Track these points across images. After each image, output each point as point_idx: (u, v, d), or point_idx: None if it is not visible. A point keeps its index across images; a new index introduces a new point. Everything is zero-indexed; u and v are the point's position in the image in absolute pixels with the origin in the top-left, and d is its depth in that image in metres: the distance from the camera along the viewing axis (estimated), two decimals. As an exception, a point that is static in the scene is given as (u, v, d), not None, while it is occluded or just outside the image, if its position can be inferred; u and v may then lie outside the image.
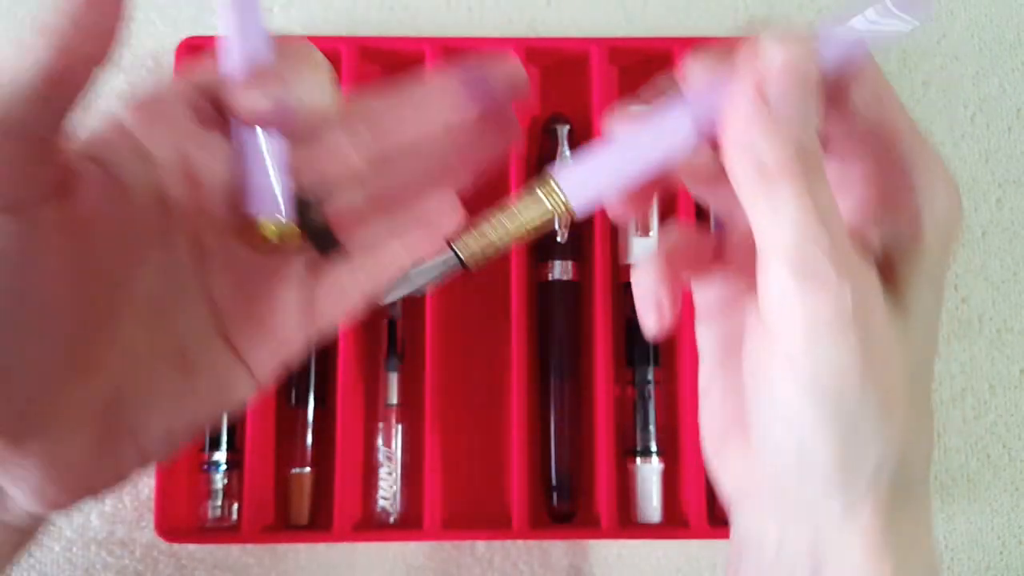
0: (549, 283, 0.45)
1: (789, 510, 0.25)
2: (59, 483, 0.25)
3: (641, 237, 0.44)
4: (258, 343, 0.29)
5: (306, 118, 0.27)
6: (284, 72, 0.27)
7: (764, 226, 0.23)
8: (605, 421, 0.43)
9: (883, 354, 0.23)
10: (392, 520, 0.43)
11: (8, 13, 0.48)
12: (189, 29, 0.47)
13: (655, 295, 0.27)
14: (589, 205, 0.25)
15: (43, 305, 0.24)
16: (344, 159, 0.29)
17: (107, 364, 0.26)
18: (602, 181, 0.25)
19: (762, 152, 0.22)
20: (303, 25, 0.48)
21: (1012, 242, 0.48)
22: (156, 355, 0.28)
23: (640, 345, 0.44)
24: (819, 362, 0.22)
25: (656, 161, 0.25)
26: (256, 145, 0.28)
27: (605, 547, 0.45)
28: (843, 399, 0.22)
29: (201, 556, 0.44)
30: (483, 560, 0.44)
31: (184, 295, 0.28)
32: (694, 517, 0.42)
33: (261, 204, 0.28)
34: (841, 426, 0.23)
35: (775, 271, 0.22)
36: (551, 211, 0.25)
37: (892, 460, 0.23)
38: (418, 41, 0.46)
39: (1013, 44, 0.49)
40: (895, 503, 0.24)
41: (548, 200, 0.25)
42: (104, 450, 0.26)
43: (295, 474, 0.43)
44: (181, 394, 0.28)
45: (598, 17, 0.49)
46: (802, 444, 0.23)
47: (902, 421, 0.23)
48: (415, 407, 0.43)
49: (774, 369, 0.23)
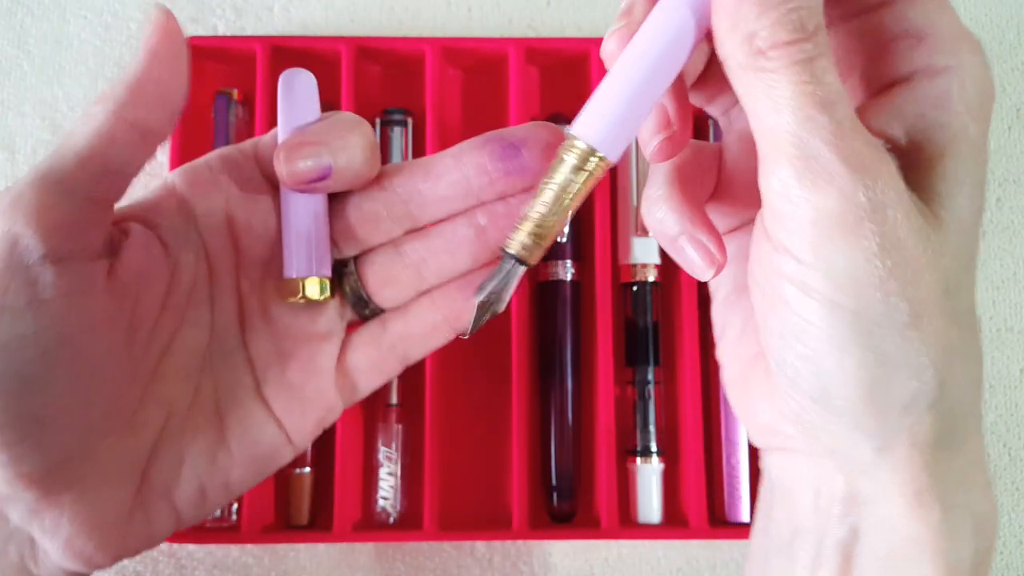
0: (549, 283, 0.45)
1: (818, 445, 0.22)
2: (92, 538, 0.25)
3: (641, 237, 0.44)
4: (294, 404, 0.29)
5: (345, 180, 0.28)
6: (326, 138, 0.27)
7: (760, 116, 0.20)
8: (605, 421, 0.43)
9: (909, 259, 0.19)
10: (392, 520, 0.43)
11: (8, 13, 0.48)
12: (189, 29, 0.48)
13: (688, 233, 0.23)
14: (622, 146, 0.22)
15: (85, 358, 0.25)
16: (378, 223, 0.29)
17: (145, 420, 0.27)
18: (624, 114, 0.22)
19: (753, 30, 0.19)
20: (303, 25, 0.48)
21: (1012, 242, 0.48)
22: (193, 412, 0.28)
23: (640, 345, 0.44)
24: (832, 267, 0.19)
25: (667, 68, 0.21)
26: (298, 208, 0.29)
27: (605, 547, 0.45)
28: (863, 313, 0.19)
29: (201, 556, 0.44)
30: (483, 560, 0.44)
31: (224, 354, 0.29)
32: (694, 517, 0.42)
33: (300, 264, 0.29)
34: (863, 347, 0.19)
35: (774, 166, 0.20)
36: (587, 171, 0.23)
37: (929, 388, 0.20)
38: (418, 41, 0.46)
39: (1013, 44, 0.49)
40: (939, 440, 0.20)
41: (578, 160, 0.23)
42: (138, 505, 0.26)
43: (295, 474, 0.43)
44: (216, 451, 0.28)
45: (598, 17, 0.49)
46: (820, 371, 0.20)
47: (939, 340, 0.19)
48: (415, 407, 0.43)
49: (783, 281, 0.20)
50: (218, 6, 0.48)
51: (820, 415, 0.21)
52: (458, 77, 0.48)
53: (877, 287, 0.19)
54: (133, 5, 0.48)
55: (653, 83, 0.22)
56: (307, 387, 0.30)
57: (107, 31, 0.48)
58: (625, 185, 0.45)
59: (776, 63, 0.19)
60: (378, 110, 0.46)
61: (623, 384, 0.45)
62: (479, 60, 0.47)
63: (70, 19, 0.48)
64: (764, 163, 0.20)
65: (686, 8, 0.21)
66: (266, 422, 0.29)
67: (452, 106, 0.48)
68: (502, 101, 0.45)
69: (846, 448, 0.21)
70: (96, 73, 0.47)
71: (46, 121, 0.47)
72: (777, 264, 0.20)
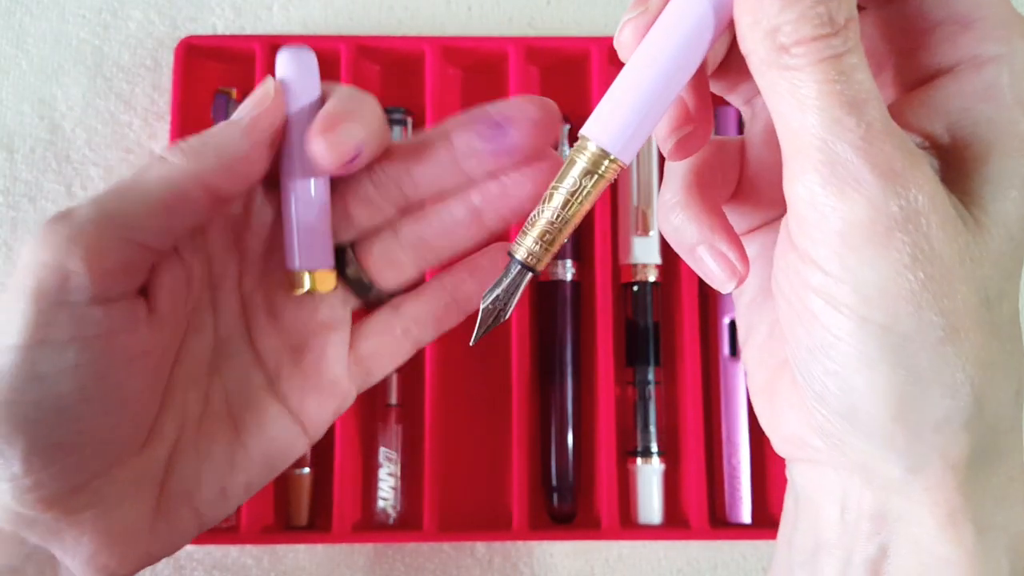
0: (549, 283, 0.44)
1: (846, 461, 0.21)
2: (115, 552, 0.25)
3: (641, 237, 0.44)
4: (309, 397, 0.29)
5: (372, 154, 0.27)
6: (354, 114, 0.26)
7: (784, 117, 0.19)
8: (606, 421, 0.43)
9: (944, 270, 0.18)
10: (392, 520, 0.43)
11: (7, 12, 0.48)
12: (189, 29, 0.47)
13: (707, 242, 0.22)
14: (636, 147, 0.22)
15: (120, 390, 0.25)
16: (372, 206, 0.29)
17: (161, 432, 0.27)
18: (638, 115, 0.21)
19: (776, 24, 0.18)
20: (303, 24, 0.48)
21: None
22: (207, 417, 0.28)
23: (641, 345, 0.44)
24: (860, 280, 0.18)
25: (684, 65, 0.20)
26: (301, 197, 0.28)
27: (605, 548, 0.44)
28: (894, 328, 0.18)
29: (200, 557, 0.44)
30: (483, 561, 0.44)
31: (232, 354, 0.28)
32: (695, 518, 0.42)
33: (304, 255, 0.28)
34: (894, 364, 0.18)
35: (799, 171, 0.18)
36: (598, 174, 0.21)
37: (965, 406, 0.18)
38: (418, 40, 0.46)
39: (1014, 43, 0.49)
40: (975, 459, 0.19)
41: (590, 164, 0.21)
42: (159, 515, 0.26)
43: (295, 475, 0.43)
44: (233, 453, 0.28)
45: (598, 17, 0.49)
46: (848, 388, 0.19)
47: (976, 355, 0.18)
48: (415, 407, 0.43)
49: (809, 293, 0.19)
50: (217, 5, 0.48)
51: (848, 431, 0.20)
52: (458, 76, 0.48)
53: (909, 300, 0.18)
54: (132, 4, 0.48)
55: (669, 82, 0.20)
56: (321, 378, 0.29)
57: (106, 30, 0.48)
58: (626, 184, 0.45)
59: (801, 60, 0.18)
60: (378, 109, 0.46)
61: (623, 384, 0.45)
62: (479, 59, 0.47)
63: (69, 18, 0.48)
64: (789, 167, 0.19)
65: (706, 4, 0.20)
66: (281, 417, 0.29)
67: (452, 105, 0.47)
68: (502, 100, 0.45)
69: (875, 465, 0.20)
70: (95, 72, 0.47)
71: (44, 120, 0.47)
72: (803, 275, 0.19)
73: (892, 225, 0.17)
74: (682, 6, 0.20)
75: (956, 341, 0.18)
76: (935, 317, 0.18)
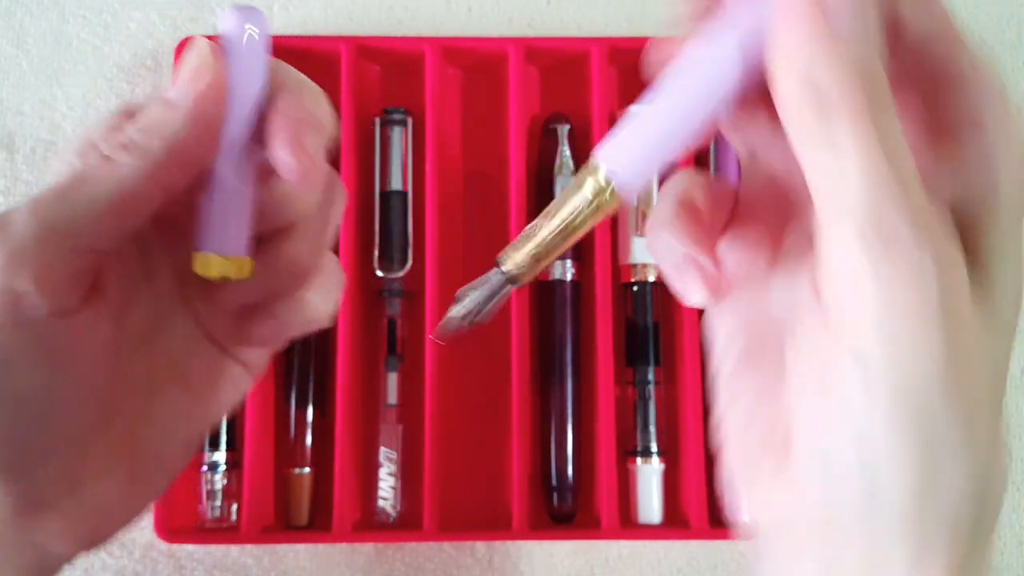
0: (549, 283, 0.45)
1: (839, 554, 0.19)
2: (98, 525, 0.25)
3: (641, 237, 0.44)
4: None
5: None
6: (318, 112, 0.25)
7: (822, 172, 0.17)
8: (605, 421, 0.43)
9: (969, 352, 0.17)
10: (392, 520, 0.43)
11: (7, 12, 0.48)
12: (189, 29, 0.47)
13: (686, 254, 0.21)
14: (643, 182, 0.21)
15: (89, 391, 0.24)
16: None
17: (121, 407, 0.26)
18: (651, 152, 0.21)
19: (820, 74, 0.17)
20: (302, 25, 0.48)
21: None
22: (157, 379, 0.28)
23: (641, 345, 0.44)
24: (899, 362, 0.17)
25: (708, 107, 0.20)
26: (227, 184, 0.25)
27: (605, 548, 0.45)
28: (925, 412, 0.17)
29: (200, 556, 0.44)
30: (483, 561, 0.44)
31: (170, 316, 0.28)
32: (695, 517, 0.42)
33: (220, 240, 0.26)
34: (921, 448, 0.17)
35: (838, 235, 0.17)
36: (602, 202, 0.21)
37: (973, 494, 0.18)
38: (418, 40, 0.46)
39: (1013, 44, 0.49)
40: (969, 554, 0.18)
41: (594, 194, 0.21)
42: (133, 480, 0.26)
43: (295, 474, 0.43)
44: (189, 407, 0.28)
45: (598, 17, 0.49)
46: (873, 471, 0.18)
47: (985, 443, 0.18)
48: (415, 407, 0.43)
49: (838, 371, 0.18)
50: (217, 5, 0.48)
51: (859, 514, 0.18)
52: (458, 76, 0.48)
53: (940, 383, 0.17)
54: (132, 5, 0.48)
55: (685, 123, 0.20)
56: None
57: (106, 30, 0.48)
58: (625, 185, 0.45)
59: (842, 111, 0.17)
60: (378, 110, 0.46)
61: (623, 384, 0.45)
62: (479, 59, 0.47)
63: (69, 19, 0.48)
64: (824, 224, 0.18)
65: (733, 46, 0.19)
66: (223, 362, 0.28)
67: (452, 105, 0.47)
68: (502, 100, 0.45)
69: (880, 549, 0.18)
70: (95, 72, 0.47)
71: (45, 121, 0.47)
72: (832, 348, 0.18)
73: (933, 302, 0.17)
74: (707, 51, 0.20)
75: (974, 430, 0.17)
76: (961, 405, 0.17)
